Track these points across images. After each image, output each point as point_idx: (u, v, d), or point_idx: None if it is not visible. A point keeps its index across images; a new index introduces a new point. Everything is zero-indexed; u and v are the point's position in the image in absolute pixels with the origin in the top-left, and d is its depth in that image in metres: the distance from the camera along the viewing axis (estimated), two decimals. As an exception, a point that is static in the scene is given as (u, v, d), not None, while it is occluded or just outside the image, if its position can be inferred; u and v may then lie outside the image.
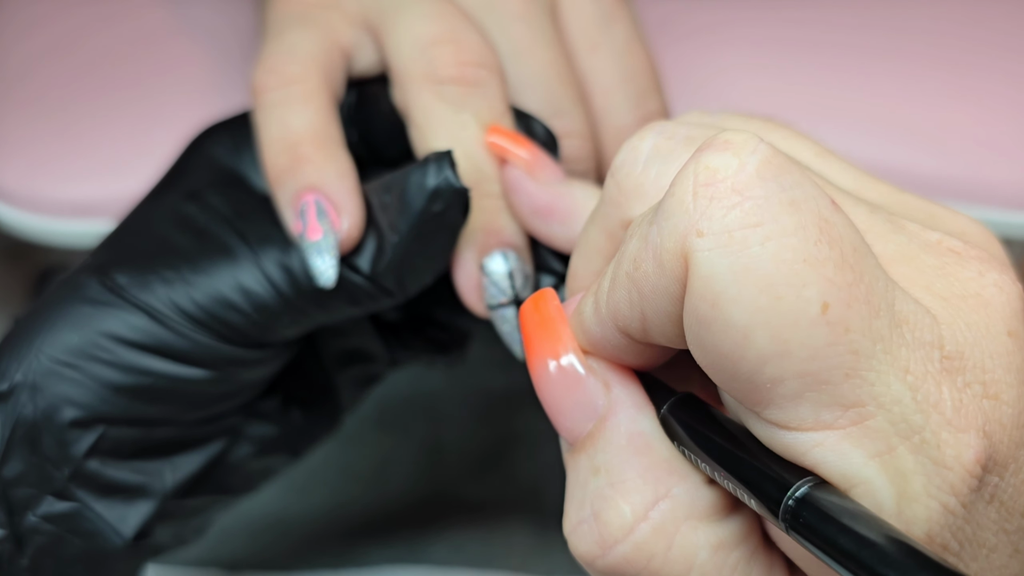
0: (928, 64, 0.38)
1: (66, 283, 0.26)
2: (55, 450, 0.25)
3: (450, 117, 0.24)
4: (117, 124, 0.39)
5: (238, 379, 0.27)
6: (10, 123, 0.40)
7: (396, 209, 0.23)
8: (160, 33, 0.42)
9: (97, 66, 0.41)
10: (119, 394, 0.25)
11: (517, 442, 0.51)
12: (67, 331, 0.25)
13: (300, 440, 0.31)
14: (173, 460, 0.27)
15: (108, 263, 0.26)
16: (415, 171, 0.23)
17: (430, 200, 0.23)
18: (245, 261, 0.25)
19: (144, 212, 0.27)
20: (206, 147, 0.28)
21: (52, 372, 0.24)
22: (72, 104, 0.40)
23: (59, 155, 0.39)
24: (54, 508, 0.25)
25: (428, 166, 0.23)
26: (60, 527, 0.26)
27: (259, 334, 0.25)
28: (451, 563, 0.46)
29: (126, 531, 0.26)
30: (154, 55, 0.41)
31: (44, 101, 0.41)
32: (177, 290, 0.25)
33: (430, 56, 0.24)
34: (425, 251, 0.24)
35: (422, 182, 0.23)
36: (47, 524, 0.25)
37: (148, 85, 0.40)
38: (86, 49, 0.42)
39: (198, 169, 0.27)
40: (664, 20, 0.40)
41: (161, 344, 0.25)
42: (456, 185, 0.23)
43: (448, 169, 0.23)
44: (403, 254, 0.24)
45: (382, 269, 0.24)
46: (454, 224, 0.23)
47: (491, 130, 0.24)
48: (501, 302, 0.24)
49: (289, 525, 0.47)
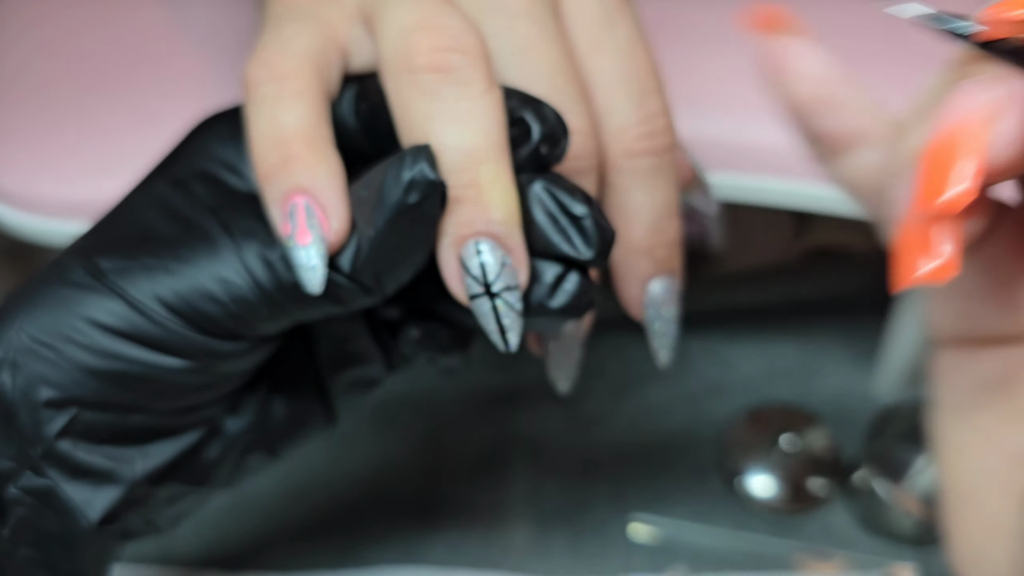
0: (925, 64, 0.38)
1: (52, 264, 0.26)
2: (29, 428, 0.25)
3: (423, 107, 0.23)
4: (117, 125, 0.39)
5: (215, 371, 0.27)
6: (10, 124, 0.40)
7: (372, 204, 0.23)
8: (161, 34, 0.42)
9: (97, 67, 0.41)
10: (93, 377, 0.25)
11: (516, 442, 0.51)
12: (47, 312, 0.25)
13: (280, 441, 0.31)
14: (145, 448, 0.27)
15: (92, 247, 0.26)
16: (392, 165, 0.23)
17: (405, 192, 0.23)
18: (226, 252, 0.25)
19: (132, 198, 0.27)
20: (202, 137, 0.28)
21: (30, 351, 0.25)
22: (72, 105, 0.40)
23: (59, 156, 0.39)
24: (32, 483, 0.26)
25: (404, 159, 0.23)
26: (38, 501, 0.26)
27: (237, 327, 0.25)
28: (449, 563, 0.46)
29: (92, 515, 0.26)
30: (155, 56, 0.42)
31: (44, 102, 0.41)
32: (157, 278, 0.25)
33: (406, 45, 0.24)
34: (401, 245, 0.24)
35: (397, 175, 0.23)
36: (27, 496, 0.26)
37: (148, 86, 0.41)
38: (86, 50, 0.42)
39: (189, 158, 0.27)
40: (662, 19, 0.40)
41: (138, 331, 0.25)
42: (431, 177, 0.23)
43: (424, 162, 0.22)
44: (379, 248, 0.24)
45: (360, 266, 0.24)
46: (430, 217, 0.23)
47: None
48: (477, 292, 0.24)
49: (288, 525, 0.47)
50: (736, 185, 0.38)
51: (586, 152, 0.26)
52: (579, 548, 0.46)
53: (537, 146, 0.24)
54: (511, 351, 0.25)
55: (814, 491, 0.48)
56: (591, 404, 0.53)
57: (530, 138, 0.24)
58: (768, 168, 0.37)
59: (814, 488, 0.48)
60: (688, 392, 0.53)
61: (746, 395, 0.52)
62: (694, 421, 0.52)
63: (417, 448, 0.51)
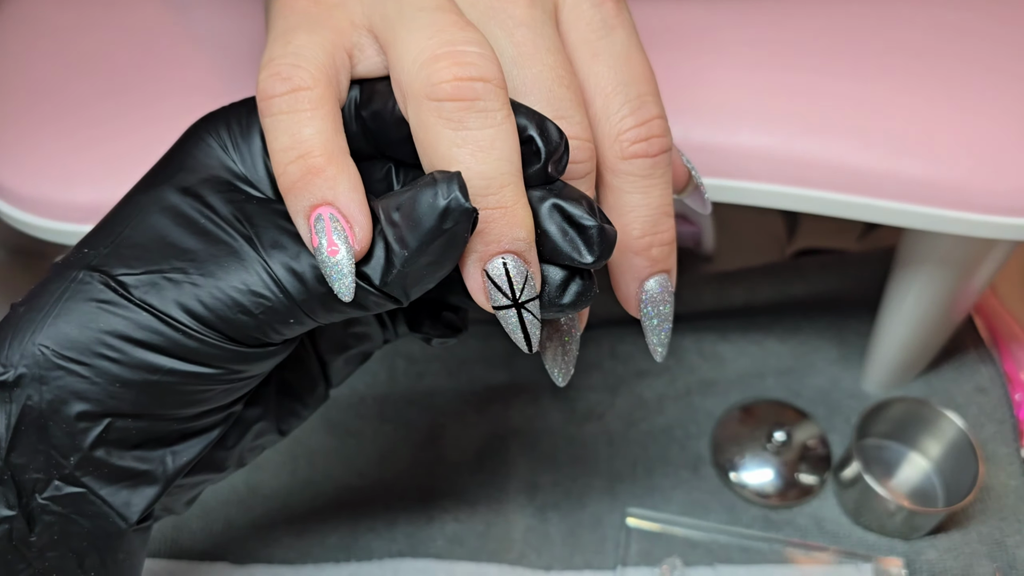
0: (919, 68, 0.38)
1: (64, 276, 0.26)
2: (62, 440, 0.26)
3: (449, 135, 0.24)
4: (124, 128, 0.40)
5: (243, 374, 0.27)
6: (17, 127, 0.40)
7: (405, 225, 0.24)
8: (168, 37, 0.42)
9: (104, 70, 0.41)
10: (127, 389, 0.25)
11: (514, 437, 0.51)
12: (70, 328, 0.25)
13: (289, 420, 0.33)
14: (175, 448, 0.28)
15: (109, 260, 0.26)
16: (424, 190, 0.24)
17: (440, 219, 0.24)
18: (254, 264, 0.25)
19: (140, 205, 0.27)
20: (204, 141, 0.28)
21: (57, 367, 0.25)
22: (80, 108, 0.40)
23: (66, 159, 0.39)
24: (62, 491, 0.26)
25: (437, 186, 0.24)
26: (67, 509, 0.27)
27: (265, 335, 0.26)
28: (450, 556, 0.46)
29: (131, 516, 0.27)
30: (162, 58, 0.41)
31: (51, 105, 0.40)
32: (185, 292, 0.25)
33: (428, 73, 0.24)
34: (432, 263, 0.25)
35: (433, 202, 0.24)
36: (55, 505, 0.26)
37: (154, 89, 0.41)
38: (94, 53, 0.42)
39: (194, 163, 0.27)
40: (657, 25, 0.41)
41: (168, 343, 0.25)
42: (466, 206, 0.24)
43: (457, 190, 0.23)
44: (411, 266, 0.25)
45: (391, 280, 0.25)
46: (461, 239, 0.24)
47: None
48: (503, 304, 0.25)
49: (293, 519, 0.48)
50: (728, 187, 0.38)
51: (584, 156, 0.27)
52: (576, 540, 0.47)
53: (544, 165, 0.25)
54: (532, 353, 0.26)
55: (805, 485, 0.49)
56: (588, 399, 0.53)
57: (539, 157, 0.25)
58: (760, 171, 0.38)
59: (805, 482, 0.49)
60: (682, 388, 0.54)
61: (738, 391, 0.53)
62: (688, 416, 0.52)
63: (418, 443, 0.51)
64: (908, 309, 0.47)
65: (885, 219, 0.38)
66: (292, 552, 0.46)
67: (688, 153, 0.37)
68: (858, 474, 0.45)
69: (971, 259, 0.44)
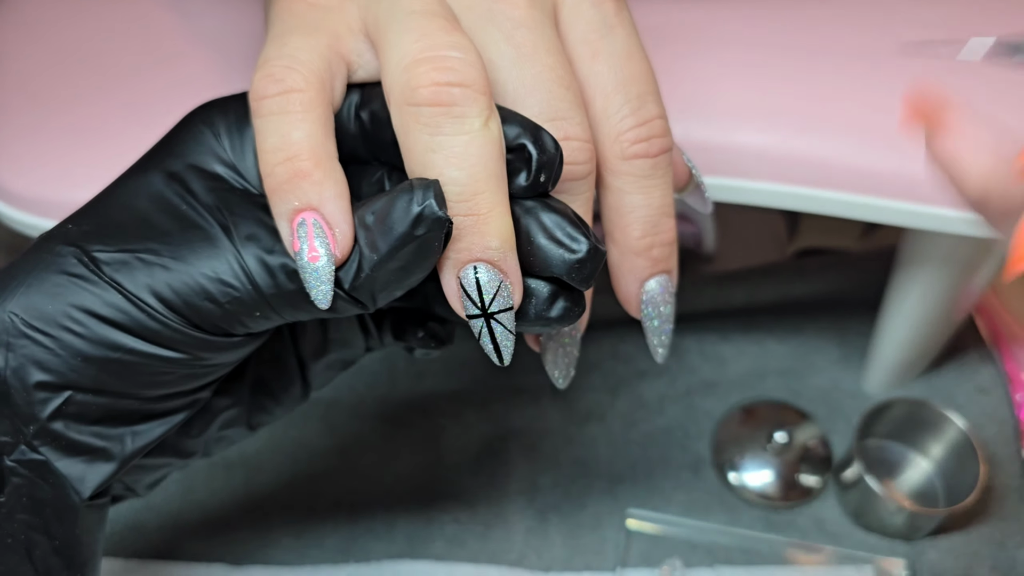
0: (920, 67, 0.38)
1: (43, 248, 0.26)
2: (23, 407, 0.26)
3: (426, 140, 0.24)
4: (124, 128, 0.40)
5: (207, 362, 0.27)
6: (15, 126, 0.40)
7: (377, 230, 0.24)
8: (167, 36, 0.42)
9: (103, 69, 0.41)
10: (89, 364, 0.26)
11: (514, 438, 0.51)
12: (40, 298, 0.25)
13: (259, 416, 0.33)
14: (135, 428, 0.28)
15: (87, 235, 0.26)
16: (400, 196, 0.24)
17: (412, 225, 0.24)
18: (227, 254, 0.25)
19: (126, 186, 0.27)
20: (197, 128, 0.28)
21: (23, 335, 0.25)
22: (78, 107, 0.40)
23: (66, 159, 0.39)
24: (26, 456, 0.27)
25: (412, 193, 0.24)
26: (33, 473, 0.27)
27: (231, 325, 0.26)
28: (450, 557, 0.46)
29: (84, 491, 0.27)
30: (160, 58, 0.42)
31: (50, 104, 0.41)
32: (155, 274, 0.25)
33: (408, 77, 0.24)
34: (401, 269, 0.25)
35: (407, 208, 0.24)
36: (22, 468, 0.27)
37: (154, 89, 0.41)
38: (93, 52, 0.42)
39: (183, 149, 0.27)
40: (657, 24, 0.41)
41: (132, 323, 0.25)
42: (439, 214, 0.23)
43: (432, 197, 0.23)
44: (380, 271, 0.25)
45: (359, 285, 0.25)
46: (433, 247, 0.24)
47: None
48: (474, 312, 0.25)
49: (292, 521, 0.48)
50: (729, 186, 0.38)
51: (584, 157, 0.27)
52: (576, 542, 0.47)
53: (536, 174, 0.25)
54: (504, 366, 0.26)
55: (806, 486, 0.49)
56: (588, 401, 0.53)
57: (530, 166, 0.25)
58: (761, 170, 0.38)
59: (806, 483, 0.49)
60: (683, 389, 0.54)
61: (739, 392, 0.53)
62: (688, 417, 0.52)
63: (418, 444, 0.51)
64: (909, 309, 0.47)
65: (886, 218, 0.38)
66: (290, 553, 0.46)
67: (689, 152, 0.37)
68: (859, 475, 0.45)
69: (972, 259, 0.44)
